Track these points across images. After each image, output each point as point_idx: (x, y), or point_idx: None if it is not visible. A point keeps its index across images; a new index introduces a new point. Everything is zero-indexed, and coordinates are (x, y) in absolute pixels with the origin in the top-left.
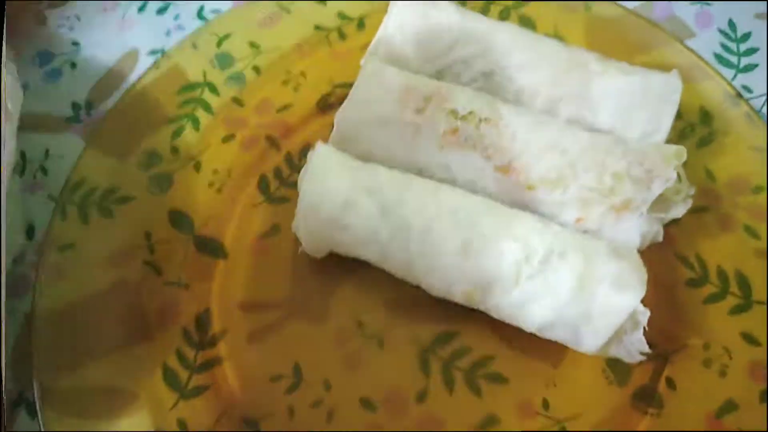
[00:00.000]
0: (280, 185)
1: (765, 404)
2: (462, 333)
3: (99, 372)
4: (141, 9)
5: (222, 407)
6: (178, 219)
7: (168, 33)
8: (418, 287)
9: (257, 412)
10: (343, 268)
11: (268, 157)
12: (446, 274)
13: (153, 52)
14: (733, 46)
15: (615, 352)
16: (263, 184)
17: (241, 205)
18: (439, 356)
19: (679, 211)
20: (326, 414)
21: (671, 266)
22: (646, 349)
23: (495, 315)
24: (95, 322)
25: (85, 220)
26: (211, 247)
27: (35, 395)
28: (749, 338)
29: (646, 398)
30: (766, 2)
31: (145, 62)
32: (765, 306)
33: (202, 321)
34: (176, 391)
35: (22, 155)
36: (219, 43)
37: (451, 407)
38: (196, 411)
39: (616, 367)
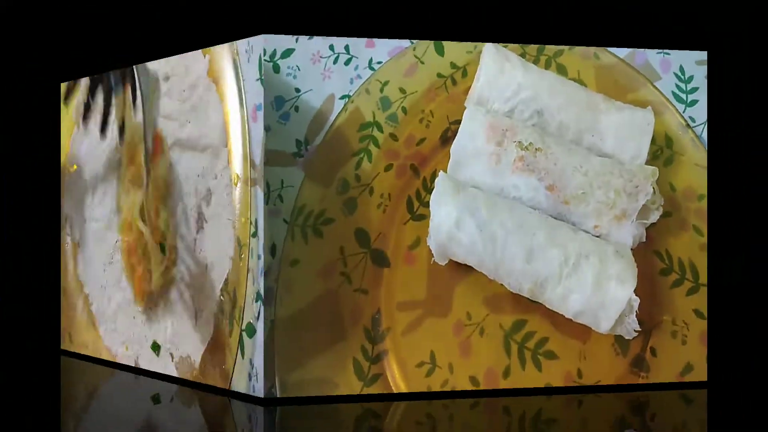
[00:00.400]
0: (420, 205)
1: (707, 364)
2: (529, 320)
3: (314, 367)
4: (335, 61)
5: (388, 392)
6: (361, 236)
7: (351, 81)
8: (502, 285)
9: (410, 392)
10: (459, 272)
11: (412, 182)
12: (518, 276)
13: (342, 97)
14: (683, 86)
15: (619, 330)
16: (409, 205)
17: (396, 222)
18: (515, 340)
19: (655, 217)
20: (450, 391)
21: (649, 260)
22: (638, 327)
23: (548, 306)
24: (312, 326)
25: (305, 240)
26: (380, 258)
27: (276, 389)
28: (698, 313)
29: (639, 365)
30: (705, 52)
31: (338, 105)
32: (706, 288)
33: (375, 320)
34: (361, 380)
35: (267, 185)
36: (381, 89)
37: (524, 380)
38: (373, 396)
39: (620, 342)
